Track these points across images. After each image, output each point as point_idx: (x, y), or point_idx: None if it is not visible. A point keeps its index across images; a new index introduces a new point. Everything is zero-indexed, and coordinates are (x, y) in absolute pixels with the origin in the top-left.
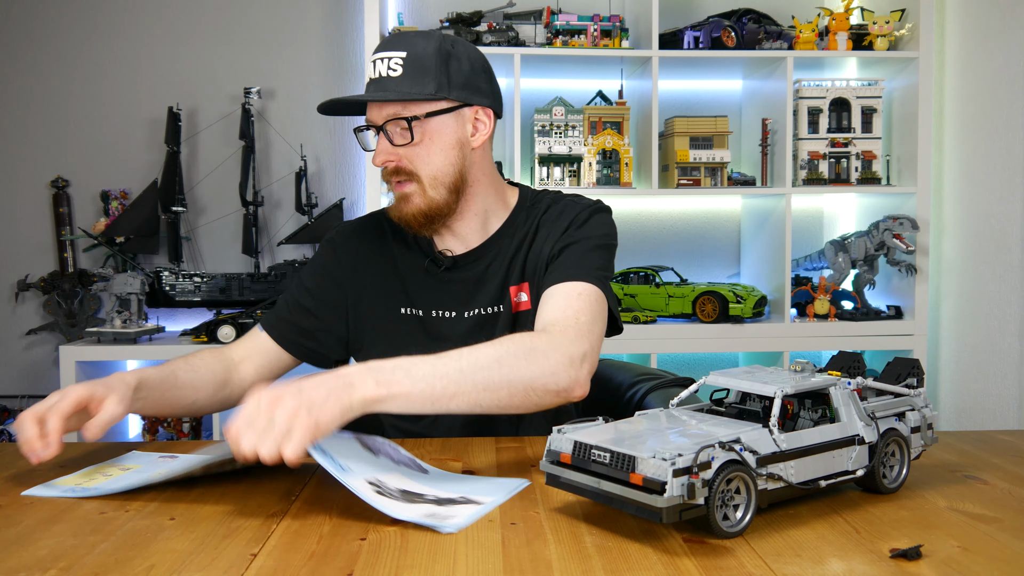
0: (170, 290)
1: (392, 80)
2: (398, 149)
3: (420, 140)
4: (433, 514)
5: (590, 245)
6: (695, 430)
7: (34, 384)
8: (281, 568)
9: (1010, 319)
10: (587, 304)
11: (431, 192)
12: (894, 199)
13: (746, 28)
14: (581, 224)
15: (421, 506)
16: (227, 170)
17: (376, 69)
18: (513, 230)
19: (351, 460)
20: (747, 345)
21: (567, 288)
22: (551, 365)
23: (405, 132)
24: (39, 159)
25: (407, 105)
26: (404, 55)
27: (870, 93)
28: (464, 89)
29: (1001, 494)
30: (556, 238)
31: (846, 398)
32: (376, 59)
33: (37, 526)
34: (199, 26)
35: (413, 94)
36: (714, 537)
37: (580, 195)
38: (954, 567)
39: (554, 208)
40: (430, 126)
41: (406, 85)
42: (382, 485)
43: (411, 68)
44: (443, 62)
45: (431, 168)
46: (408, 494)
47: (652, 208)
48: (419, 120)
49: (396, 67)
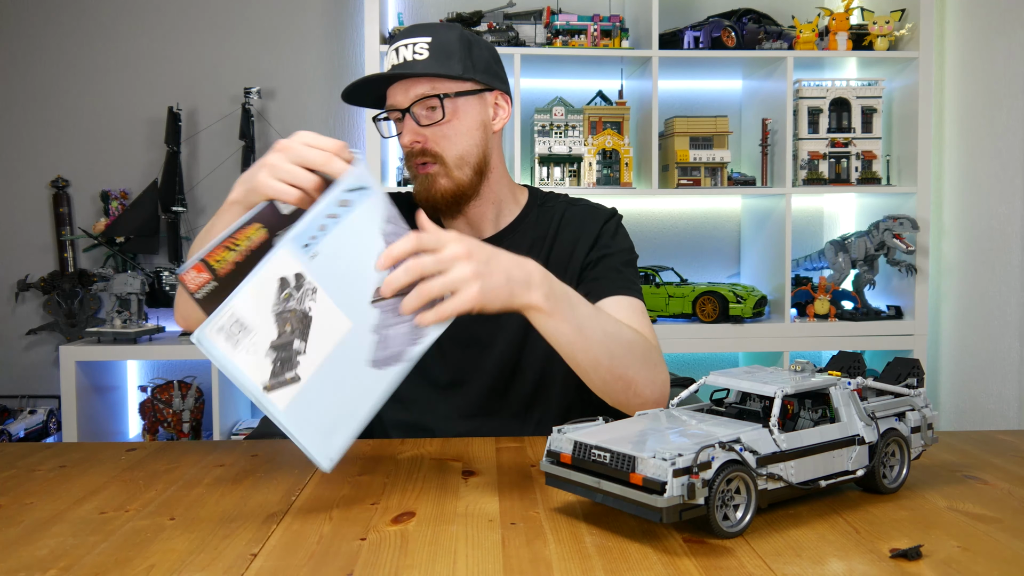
0: (170, 290)
1: (419, 63)
2: (424, 130)
3: (449, 119)
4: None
5: (625, 259)
6: (695, 430)
7: (34, 384)
8: (281, 568)
9: (1010, 319)
10: (650, 324)
11: (457, 172)
12: (894, 199)
13: (746, 28)
14: (613, 234)
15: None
16: (227, 170)
17: (400, 55)
18: (526, 227)
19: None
20: (747, 345)
21: (632, 303)
22: (653, 377)
23: (432, 112)
24: (39, 159)
25: (436, 84)
26: (429, 40)
27: (870, 93)
28: (486, 73)
29: (1001, 494)
30: (589, 245)
31: (846, 398)
32: (399, 46)
33: (37, 526)
34: (199, 26)
35: (443, 72)
36: (714, 537)
37: (589, 200)
38: (954, 567)
39: (572, 212)
40: (458, 105)
41: (434, 66)
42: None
43: (437, 51)
44: (466, 47)
45: (458, 148)
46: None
47: (652, 208)
48: (449, 98)
49: (422, 51)
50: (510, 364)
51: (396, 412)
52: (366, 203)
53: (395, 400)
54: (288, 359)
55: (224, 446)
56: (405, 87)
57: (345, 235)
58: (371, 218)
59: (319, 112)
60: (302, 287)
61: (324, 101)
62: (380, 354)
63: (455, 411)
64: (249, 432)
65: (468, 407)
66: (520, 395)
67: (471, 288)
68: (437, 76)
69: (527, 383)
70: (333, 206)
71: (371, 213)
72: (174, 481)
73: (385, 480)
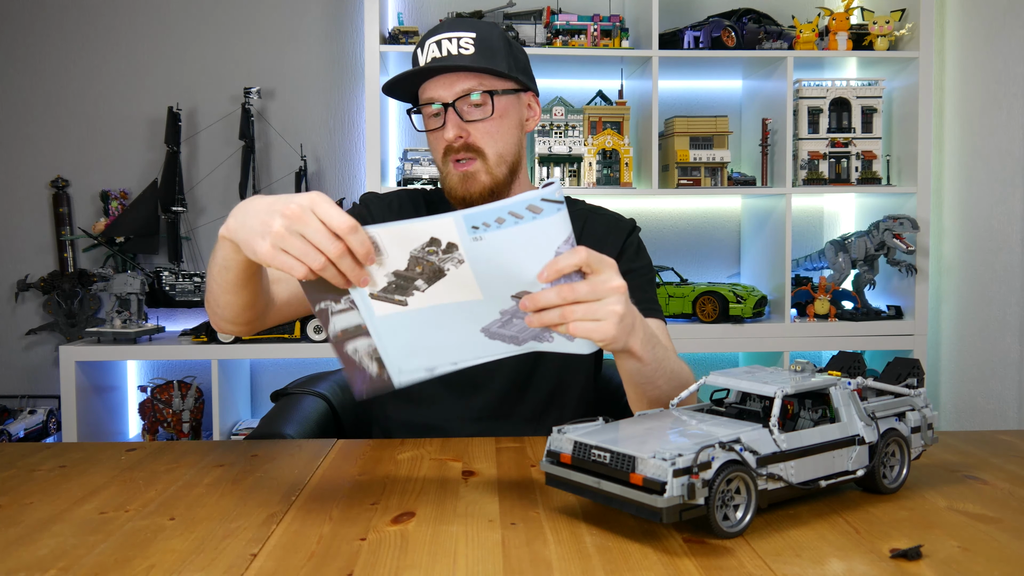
0: (170, 290)
1: (466, 57)
2: (468, 125)
3: (494, 116)
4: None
5: (648, 277)
6: (695, 430)
7: (34, 384)
8: (281, 568)
9: (1010, 319)
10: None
11: (496, 170)
12: (894, 199)
13: (746, 28)
14: (636, 250)
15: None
16: (227, 170)
17: (443, 48)
18: None
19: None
20: (747, 345)
21: (659, 326)
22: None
23: (477, 108)
24: (39, 159)
25: (483, 80)
26: (474, 35)
27: (870, 93)
28: (524, 73)
29: (1001, 494)
30: (614, 256)
31: (846, 398)
32: (442, 39)
33: (37, 526)
34: (199, 26)
35: (493, 69)
36: (714, 537)
37: (608, 209)
38: (954, 567)
39: (595, 221)
40: (502, 103)
41: (482, 62)
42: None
43: (482, 48)
44: (508, 46)
45: (499, 145)
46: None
47: (652, 208)
48: (497, 95)
49: (468, 46)
50: (527, 368)
51: (409, 412)
52: (554, 218)
53: (408, 400)
54: (404, 288)
55: (224, 446)
56: (450, 81)
57: (519, 239)
58: (552, 234)
59: (319, 112)
60: (450, 254)
61: (324, 101)
62: (497, 328)
63: (469, 413)
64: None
65: (482, 410)
66: (535, 400)
67: (610, 324)
68: (487, 72)
69: (543, 388)
70: (522, 208)
71: (554, 229)
72: (174, 481)
73: (385, 480)
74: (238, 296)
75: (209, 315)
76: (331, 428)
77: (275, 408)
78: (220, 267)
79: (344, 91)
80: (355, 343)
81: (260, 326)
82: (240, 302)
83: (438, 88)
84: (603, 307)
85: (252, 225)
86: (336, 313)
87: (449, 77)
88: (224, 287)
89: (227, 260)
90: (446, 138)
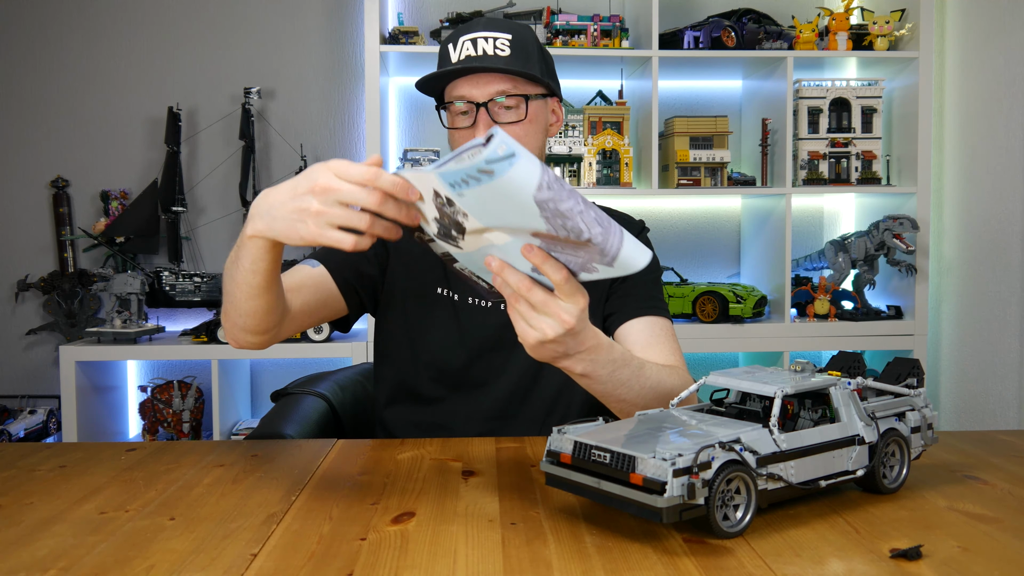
0: (170, 290)
1: (502, 59)
2: (500, 127)
3: (526, 120)
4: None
5: (654, 277)
6: (695, 430)
7: (34, 384)
8: (281, 568)
9: (1010, 319)
10: (678, 343)
11: None
12: (894, 199)
13: (746, 28)
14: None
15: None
16: (227, 170)
17: (479, 47)
18: None
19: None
20: (747, 345)
21: (662, 324)
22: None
23: (509, 111)
24: (39, 159)
25: (518, 83)
26: (510, 37)
27: (870, 93)
28: (552, 78)
29: (1001, 494)
30: None
31: (846, 398)
32: (477, 37)
33: (37, 526)
34: (199, 26)
35: (528, 72)
36: (714, 537)
37: (617, 211)
38: (954, 567)
39: None
40: (533, 107)
41: (518, 65)
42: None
43: (518, 50)
44: (540, 50)
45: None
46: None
47: (652, 208)
48: (531, 99)
49: (504, 47)
50: (533, 370)
51: (415, 412)
52: (510, 173)
53: (415, 399)
54: (449, 235)
55: (224, 446)
56: (484, 81)
57: (493, 194)
58: (521, 186)
59: (319, 112)
60: (453, 207)
61: (324, 101)
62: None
63: (475, 413)
64: (249, 432)
65: (488, 410)
66: (541, 401)
67: (533, 336)
68: (522, 75)
69: (549, 389)
70: (475, 172)
71: (519, 182)
72: (174, 481)
73: (385, 480)
74: (262, 300)
75: (228, 329)
76: (331, 428)
77: (275, 408)
78: (247, 271)
79: (344, 91)
80: (456, 265)
81: (277, 336)
82: (264, 306)
83: (471, 87)
84: (540, 320)
85: (285, 215)
86: (429, 242)
87: (483, 77)
88: (249, 292)
89: (256, 263)
90: (477, 136)
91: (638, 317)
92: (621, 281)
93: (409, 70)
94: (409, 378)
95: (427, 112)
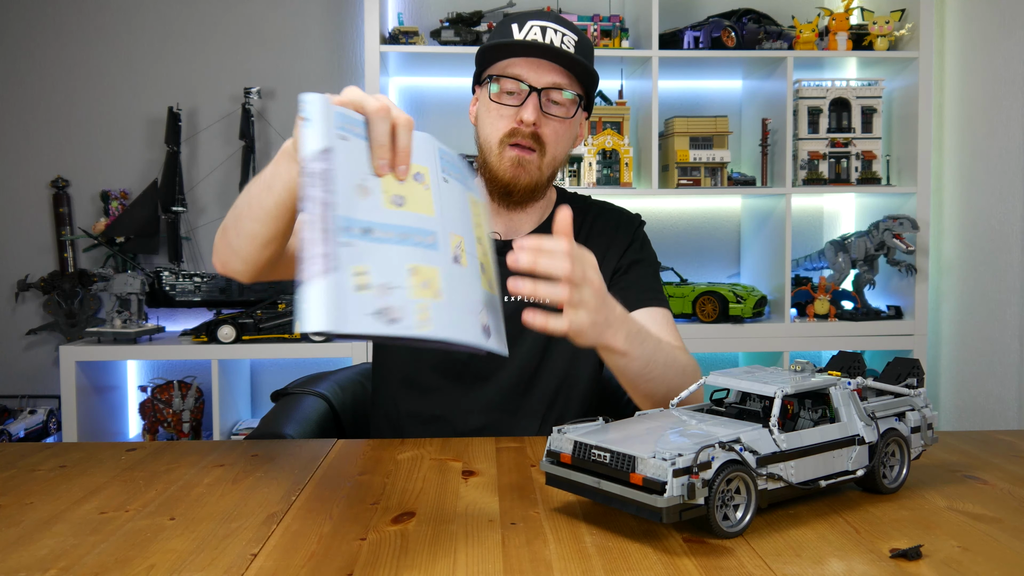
0: (170, 290)
1: (569, 55)
2: (543, 117)
3: (569, 120)
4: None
5: (654, 269)
6: (695, 430)
7: (34, 384)
8: (281, 568)
9: (1010, 319)
10: (678, 332)
11: (546, 170)
12: (894, 199)
13: (746, 28)
14: (643, 242)
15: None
16: (227, 170)
17: (547, 36)
18: None
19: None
20: (747, 345)
21: (665, 315)
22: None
23: (557, 105)
24: (39, 159)
25: (574, 84)
26: (576, 39)
27: (870, 93)
28: (591, 97)
29: (1001, 494)
30: (621, 250)
31: (846, 398)
32: (547, 27)
33: (37, 526)
34: (199, 26)
35: (589, 77)
36: (714, 537)
37: (613, 203)
38: (954, 567)
39: (601, 214)
40: (576, 111)
41: (585, 65)
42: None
43: (582, 52)
44: (592, 60)
45: (559, 149)
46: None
47: (652, 208)
48: (581, 103)
49: (570, 44)
50: (534, 362)
51: (415, 402)
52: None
53: (415, 390)
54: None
55: (224, 446)
56: (545, 68)
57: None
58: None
59: None
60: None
61: None
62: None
63: (475, 405)
64: (249, 432)
65: (489, 402)
66: (542, 394)
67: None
68: (582, 79)
69: (550, 383)
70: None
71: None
72: (174, 481)
73: (385, 480)
74: (265, 227)
75: (219, 250)
76: (331, 428)
77: (275, 408)
78: (263, 187)
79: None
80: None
81: (266, 274)
82: (265, 233)
83: (531, 70)
84: (576, 293)
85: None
86: None
87: (544, 64)
88: (257, 214)
89: (275, 178)
90: (523, 118)
91: (639, 308)
92: (621, 274)
93: (409, 70)
94: (410, 367)
95: (427, 112)
